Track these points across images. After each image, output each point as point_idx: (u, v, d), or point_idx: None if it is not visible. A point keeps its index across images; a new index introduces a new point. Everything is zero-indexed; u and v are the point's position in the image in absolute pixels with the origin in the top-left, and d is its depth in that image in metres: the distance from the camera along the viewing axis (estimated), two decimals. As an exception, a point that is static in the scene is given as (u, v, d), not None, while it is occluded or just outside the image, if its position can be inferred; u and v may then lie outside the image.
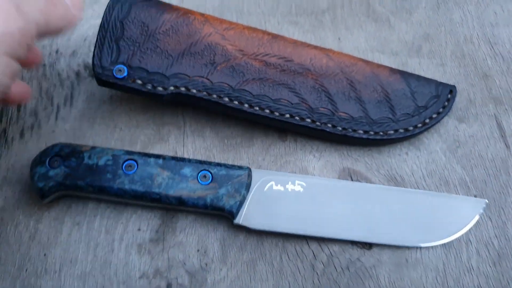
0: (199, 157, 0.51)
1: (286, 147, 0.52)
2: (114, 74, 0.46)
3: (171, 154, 0.51)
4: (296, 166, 0.50)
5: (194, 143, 0.52)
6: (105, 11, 0.48)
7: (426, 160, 0.51)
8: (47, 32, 0.36)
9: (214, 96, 0.47)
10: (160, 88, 0.47)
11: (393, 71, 0.51)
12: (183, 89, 0.47)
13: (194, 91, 0.47)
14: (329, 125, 0.48)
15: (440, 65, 0.57)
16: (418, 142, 0.52)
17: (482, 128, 0.53)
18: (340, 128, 0.49)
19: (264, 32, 0.50)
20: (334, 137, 0.49)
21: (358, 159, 0.51)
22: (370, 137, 0.49)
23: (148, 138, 0.52)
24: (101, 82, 0.47)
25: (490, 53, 0.58)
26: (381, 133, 0.49)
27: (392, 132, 0.49)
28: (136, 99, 0.53)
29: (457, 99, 0.54)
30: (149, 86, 0.47)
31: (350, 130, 0.48)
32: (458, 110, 0.54)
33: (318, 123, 0.48)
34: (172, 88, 0.47)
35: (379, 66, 0.51)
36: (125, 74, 0.47)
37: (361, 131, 0.49)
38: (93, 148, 0.47)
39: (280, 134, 0.52)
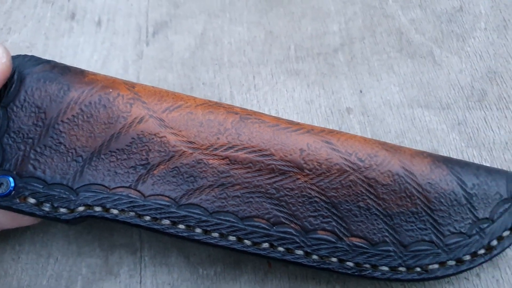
0: (162, 300, 0.34)
1: (291, 275, 0.34)
2: None
3: (123, 296, 0.35)
4: (308, 311, 0.33)
5: (155, 276, 0.35)
6: None
7: (513, 288, 0.32)
8: None
9: (147, 218, 0.31)
10: (62, 210, 0.31)
11: (435, 162, 0.32)
12: (98, 209, 0.31)
13: (116, 211, 0.31)
14: (334, 259, 0.31)
15: (518, 120, 0.38)
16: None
17: None
18: (351, 264, 0.31)
19: (229, 111, 0.33)
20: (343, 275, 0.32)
21: (403, 293, 0.33)
22: (400, 276, 0.31)
23: (92, 272, 0.36)
24: None
25: None
26: (418, 270, 0.31)
27: (436, 266, 0.31)
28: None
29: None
30: (46, 207, 0.31)
31: (367, 267, 0.31)
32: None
33: (315, 257, 0.30)
34: (81, 208, 0.31)
35: (414, 155, 0.32)
36: (10, 189, 0.31)
37: (385, 268, 0.31)
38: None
39: (281, 254, 0.35)
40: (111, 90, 0.33)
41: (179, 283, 0.35)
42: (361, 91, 0.41)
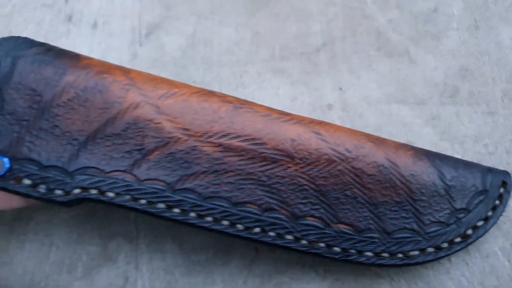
0: (157, 284, 0.37)
1: (277, 260, 0.37)
2: None
3: (120, 281, 0.38)
4: (290, 292, 0.36)
5: (151, 262, 0.38)
6: None
7: (481, 269, 0.35)
8: None
9: (143, 201, 0.32)
10: (58, 191, 0.32)
11: (418, 155, 0.35)
12: (94, 192, 0.32)
13: (111, 194, 0.32)
14: (322, 245, 0.33)
15: (488, 114, 0.41)
16: (464, 239, 0.36)
17: (559, 208, 0.37)
18: (338, 250, 0.33)
19: (223, 99, 0.35)
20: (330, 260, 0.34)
21: (380, 274, 0.36)
22: (384, 261, 0.33)
23: (91, 258, 0.39)
24: None
25: (559, 86, 0.41)
26: (400, 256, 0.33)
27: (416, 253, 0.33)
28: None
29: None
30: (42, 189, 0.32)
31: (353, 252, 0.33)
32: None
33: (304, 242, 0.33)
34: (77, 191, 0.32)
35: (398, 147, 0.35)
36: (5, 170, 0.32)
37: (369, 253, 0.33)
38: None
39: (266, 240, 0.38)
40: (106, 75, 0.34)
41: (173, 268, 0.38)
42: (340, 89, 0.43)
